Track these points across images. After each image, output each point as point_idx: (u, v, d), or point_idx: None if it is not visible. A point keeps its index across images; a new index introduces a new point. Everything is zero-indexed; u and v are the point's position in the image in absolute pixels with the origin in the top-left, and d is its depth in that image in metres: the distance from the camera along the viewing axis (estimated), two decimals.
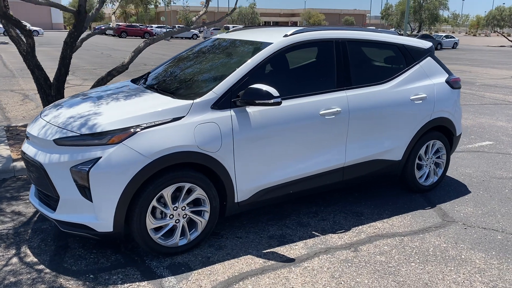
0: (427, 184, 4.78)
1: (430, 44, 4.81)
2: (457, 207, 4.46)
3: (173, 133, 3.19)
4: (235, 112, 3.45)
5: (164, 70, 4.34)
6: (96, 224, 3.12)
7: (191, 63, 4.27)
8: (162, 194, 3.21)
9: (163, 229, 3.31)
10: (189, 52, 4.56)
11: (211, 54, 4.32)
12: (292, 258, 3.40)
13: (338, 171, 4.06)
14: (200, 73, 3.99)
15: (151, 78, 4.26)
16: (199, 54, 4.41)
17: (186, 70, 4.15)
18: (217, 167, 3.38)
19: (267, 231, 3.83)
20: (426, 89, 4.51)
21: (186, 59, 4.40)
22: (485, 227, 4.01)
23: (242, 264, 3.30)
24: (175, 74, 4.14)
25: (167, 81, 4.03)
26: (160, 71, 4.35)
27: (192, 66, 4.21)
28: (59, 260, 3.30)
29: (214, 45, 4.49)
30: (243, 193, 3.59)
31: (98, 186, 3.03)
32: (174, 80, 4.00)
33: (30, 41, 5.49)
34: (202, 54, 4.39)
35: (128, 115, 3.21)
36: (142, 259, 3.34)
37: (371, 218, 4.14)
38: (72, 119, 3.30)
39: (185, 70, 4.16)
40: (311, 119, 3.77)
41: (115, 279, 3.08)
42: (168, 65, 4.43)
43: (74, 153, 3.08)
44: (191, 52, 4.53)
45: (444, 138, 4.78)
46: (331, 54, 4.05)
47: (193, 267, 3.25)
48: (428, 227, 4.00)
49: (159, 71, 4.38)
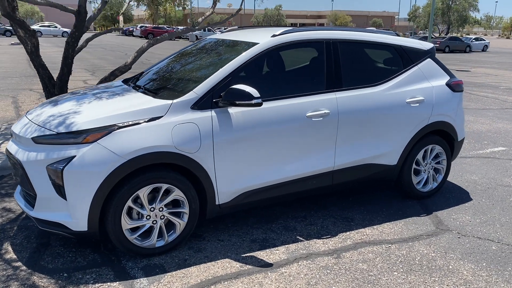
0: (425, 191, 4.61)
1: (431, 46, 4.65)
2: (454, 215, 4.28)
3: (149, 133, 3.16)
4: (216, 112, 3.40)
5: (154, 70, 4.33)
6: (71, 223, 3.12)
7: (180, 63, 4.25)
8: (138, 194, 3.18)
9: (139, 229, 3.29)
10: (180, 53, 4.53)
11: (200, 55, 4.29)
12: (270, 263, 3.32)
13: (327, 175, 3.96)
14: (186, 73, 3.96)
15: (141, 78, 4.26)
16: (189, 55, 4.38)
17: (173, 70, 4.13)
18: (196, 168, 3.33)
19: (251, 235, 3.76)
20: (424, 92, 4.35)
21: (176, 60, 4.37)
22: (480, 237, 3.83)
23: (218, 268, 3.24)
24: (162, 74, 4.12)
25: (154, 81, 4.02)
26: (151, 71, 4.34)
27: (180, 67, 4.18)
28: (37, 258, 3.32)
29: (204, 45, 4.45)
30: (225, 195, 3.53)
31: (72, 185, 3.03)
32: (160, 80, 3.99)
33: (34, 41, 5.58)
34: (192, 54, 4.36)
35: (105, 114, 3.21)
36: (118, 259, 3.33)
37: (361, 224, 4.02)
38: (52, 118, 3.31)
39: (173, 70, 4.14)
40: (297, 121, 3.68)
41: (87, 278, 3.07)
42: (159, 65, 4.42)
43: (51, 151, 3.09)
44: (182, 53, 4.51)
45: (444, 143, 4.61)
46: (321, 55, 3.95)
47: (168, 269, 3.21)
48: (419, 235, 3.84)
49: (151, 71, 4.38)
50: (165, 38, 6.48)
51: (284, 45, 3.82)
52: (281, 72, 4.15)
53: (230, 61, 3.58)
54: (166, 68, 4.24)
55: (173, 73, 4.06)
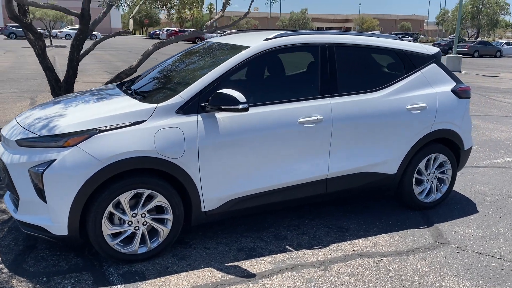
0: (428, 201, 4.42)
1: (436, 50, 4.46)
2: (456, 227, 4.08)
3: (131, 138, 3.11)
4: (203, 117, 3.33)
5: (149, 73, 4.30)
6: (52, 227, 3.10)
7: (173, 67, 4.20)
8: (119, 199, 3.14)
9: (121, 235, 3.24)
10: (176, 56, 4.49)
11: (194, 58, 4.23)
12: (254, 274, 3.22)
13: (320, 182, 3.83)
14: (176, 77, 3.91)
15: (136, 81, 4.23)
16: (184, 58, 4.33)
17: (166, 74, 4.08)
18: (179, 174, 3.26)
19: (239, 243, 3.66)
20: (426, 98, 4.17)
21: (170, 63, 4.32)
22: (480, 252, 3.63)
23: (199, 277, 3.16)
24: (155, 78, 4.08)
25: (145, 85, 3.98)
26: (146, 75, 4.31)
27: (173, 70, 4.13)
28: (20, 261, 3.31)
29: (199, 49, 4.39)
30: (211, 202, 3.45)
31: (52, 189, 3.01)
32: (151, 84, 3.95)
33: (40, 43, 5.66)
34: (187, 58, 4.31)
35: (87, 118, 3.18)
36: (101, 264, 3.29)
37: (356, 235, 3.87)
38: (37, 121, 3.31)
39: (165, 73, 4.09)
40: (288, 127, 3.57)
41: (66, 283, 3.04)
42: (154, 68, 4.38)
43: (33, 154, 3.08)
44: (178, 56, 4.46)
45: (449, 152, 4.41)
46: (316, 60, 3.84)
47: (148, 276, 3.15)
48: (415, 248, 3.67)
49: (146, 74, 4.35)
50: (171, 42, 6.47)
51: (277, 49, 3.72)
52: (273, 77, 4.05)
53: (219, 65, 3.50)
54: (159, 72, 4.20)
55: (165, 77, 4.02)
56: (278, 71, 4.04)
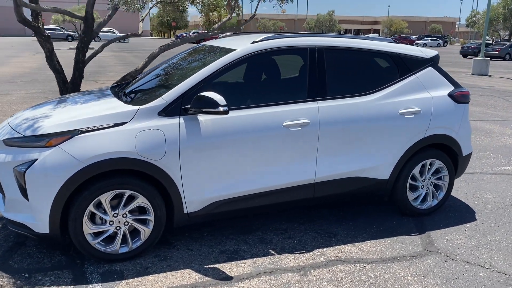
0: (423, 208, 4.31)
1: (434, 54, 4.35)
2: (450, 235, 3.97)
3: (111, 139, 3.16)
4: (185, 119, 3.35)
5: (143, 76, 4.36)
6: (34, 225, 3.17)
7: (165, 70, 4.24)
8: (99, 199, 3.19)
9: (103, 234, 3.30)
10: (171, 59, 4.53)
11: (185, 61, 4.26)
12: (231, 276, 3.22)
13: (307, 187, 3.79)
14: (164, 79, 3.95)
15: (131, 84, 4.29)
16: (177, 61, 4.36)
17: (157, 76, 4.13)
18: (160, 175, 3.29)
19: (223, 245, 3.67)
20: (420, 103, 4.08)
21: (164, 66, 4.37)
22: (469, 262, 3.52)
23: (176, 278, 3.18)
24: (146, 80, 4.14)
25: (136, 87, 4.03)
26: (140, 77, 4.37)
27: (164, 73, 4.17)
28: (7, 257, 3.41)
29: (191, 52, 4.42)
30: (194, 204, 3.47)
31: (33, 188, 3.09)
32: (141, 86, 4.00)
33: (48, 46, 5.82)
34: (179, 60, 4.34)
35: (71, 119, 3.25)
36: (83, 263, 3.35)
37: (343, 241, 3.81)
38: (24, 121, 3.40)
39: (157, 76, 4.14)
40: (272, 130, 3.56)
41: (46, 280, 3.11)
42: (149, 71, 4.44)
43: (18, 153, 3.17)
44: (172, 59, 4.51)
45: (445, 158, 4.29)
46: (304, 63, 3.81)
47: (126, 276, 3.19)
48: (401, 255, 3.59)
49: (141, 77, 4.41)
50: (177, 44, 6.54)
51: (264, 52, 3.71)
52: (260, 80, 4.04)
53: (204, 67, 3.52)
54: (152, 74, 4.25)
55: (154, 80, 4.07)
56: (265, 74, 4.03)
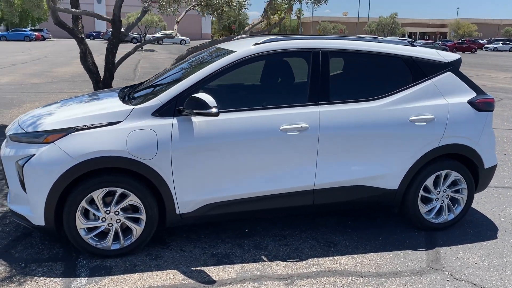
0: (438, 222, 4.04)
1: (455, 57, 4.07)
2: (461, 253, 3.69)
3: (104, 137, 3.24)
4: (178, 120, 3.37)
5: (153, 77, 4.44)
6: (31, 217, 3.32)
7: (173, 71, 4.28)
8: (92, 196, 3.28)
9: (95, 230, 3.39)
10: (184, 61, 4.58)
11: (192, 63, 4.28)
12: (214, 280, 3.19)
13: (306, 193, 3.68)
14: (167, 81, 3.98)
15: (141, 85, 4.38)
16: (184, 63, 4.40)
17: (163, 77, 4.17)
18: (151, 175, 3.33)
19: (216, 248, 3.64)
20: (435, 109, 3.83)
21: (174, 67, 4.42)
22: (475, 283, 3.25)
23: (160, 278, 3.20)
24: (152, 82, 4.20)
25: (143, 88, 4.10)
26: (151, 79, 4.45)
27: (169, 74, 4.20)
28: (11, 246, 3.59)
29: (202, 54, 4.43)
30: (186, 205, 3.47)
31: (30, 182, 3.23)
32: (147, 87, 4.06)
33: (82, 47, 6.10)
34: (188, 63, 4.37)
35: (69, 117, 3.37)
36: (77, 256, 3.46)
37: (342, 251, 3.66)
38: (31, 118, 3.57)
39: (163, 77, 4.19)
40: (268, 134, 3.49)
41: (38, 271, 3.24)
42: (161, 73, 4.51)
43: (20, 148, 3.34)
44: (185, 61, 4.55)
45: (464, 170, 4.00)
46: (305, 66, 3.70)
47: (113, 272, 3.26)
48: (400, 271, 3.38)
49: (153, 78, 4.49)
50: (205, 47, 6.61)
51: (265, 54, 3.65)
52: (259, 82, 3.98)
53: (201, 69, 3.52)
54: (160, 75, 4.31)
55: (160, 80, 4.11)
56: (265, 76, 3.97)
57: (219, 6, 8.10)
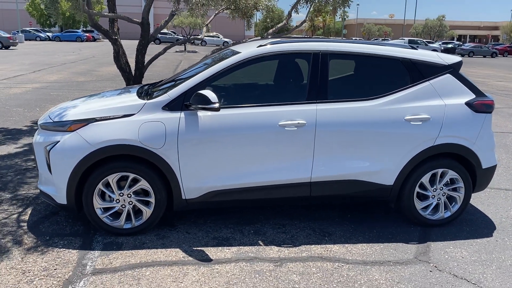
0: (433, 218, 4.20)
1: (455, 60, 4.21)
2: (451, 248, 3.84)
3: (119, 128, 3.65)
4: (185, 114, 3.73)
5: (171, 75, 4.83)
6: (56, 196, 3.78)
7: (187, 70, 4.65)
8: (107, 180, 3.70)
9: (110, 210, 3.80)
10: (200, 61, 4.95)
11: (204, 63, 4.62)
12: (211, 259, 3.52)
13: (303, 185, 3.95)
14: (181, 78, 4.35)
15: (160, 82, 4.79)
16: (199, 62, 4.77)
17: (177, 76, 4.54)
18: (160, 162, 3.71)
19: (218, 232, 3.98)
20: (431, 110, 4.00)
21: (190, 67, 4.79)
22: (456, 275, 3.41)
23: (163, 255, 3.57)
24: (168, 79, 4.59)
25: (161, 84, 4.49)
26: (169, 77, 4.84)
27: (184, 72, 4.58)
28: (40, 222, 4.08)
29: (215, 55, 4.78)
30: (191, 191, 3.83)
31: (55, 165, 3.69)
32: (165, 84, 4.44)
33: (115, 47, 6.61)
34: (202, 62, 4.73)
35: (90, 109, 3.81)
36: (94, 233, 3.89)
37: (335, 241, 3.90)
38: (58, 110, 4.05)
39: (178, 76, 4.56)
40: (268, 128, 3.78)
41: (60, 243, 3.69)
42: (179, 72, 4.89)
43: (48, 135, 3.81)
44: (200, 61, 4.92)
45: (461, 169, 4.14)
46: (306, 66, 3.97)
47: (124, 247, 3.66)
48: (386, 261, 3.59)
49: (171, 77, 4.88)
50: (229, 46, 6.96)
51: (269, 55, 3.95)
52: (262, 81, 4.27)
53: (209, 68, 3.87)
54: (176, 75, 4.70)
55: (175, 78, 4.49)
56: (269, 76, 4.26)
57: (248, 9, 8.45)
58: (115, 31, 6.84)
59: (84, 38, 54.98)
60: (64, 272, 3.27)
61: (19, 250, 3.55)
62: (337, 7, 7.37)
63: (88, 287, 3.09)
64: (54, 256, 3.48)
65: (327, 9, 9.51)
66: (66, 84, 13.77)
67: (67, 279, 3.18)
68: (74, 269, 3.31)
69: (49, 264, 3.37)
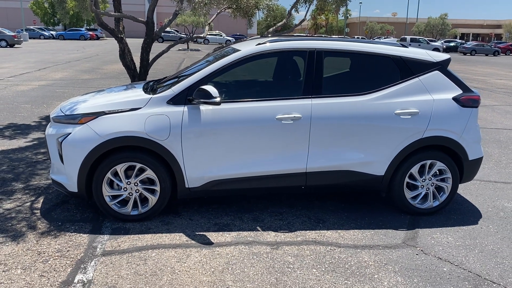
0: (422, 207, 4.45)
1: (444, 57, 4.46)
2: (438, 234, 4.09)
3: (126, 120, 3.91)
4: (188, 108, 3.99)
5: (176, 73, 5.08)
6: (67, 184, 4.05)
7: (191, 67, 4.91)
8: (116, 169, 3.96)
9: (118, 198, 4.07)
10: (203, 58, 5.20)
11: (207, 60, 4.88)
12: (212, 242, 3.78)
13: (299, 175, 4.20)
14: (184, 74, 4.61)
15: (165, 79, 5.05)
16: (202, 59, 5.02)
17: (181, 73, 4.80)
18: (164, 153, 3.97)
19: (219, 219, 4.24)
20: (419, 104, 4.24)
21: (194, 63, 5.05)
22: (441, 257, 3.66)
23: (167, 238, 3.83)
24: (173, 75, 4.84)
25: (161, 81, 4.75)
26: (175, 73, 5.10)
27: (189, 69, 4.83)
28: (52, 209, 4.35)
29: (216, 52, 5.04)
30: (194, 181, 4.09)
31: (66, 155, 3.96)
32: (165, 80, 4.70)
33: (121, 45, 6.88)
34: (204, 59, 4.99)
35: (100, 103, 4.08)
36: (103, 219, 4.16)
37: (328, 227, 4.16)
38: (69, 104, 4.32)
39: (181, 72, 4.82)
40: (266, 121, 4.04)
41: (71, 228, 3.96)
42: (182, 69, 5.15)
43: (60, 128, 4.08)
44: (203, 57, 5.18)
45: (449, 161, 4.38)
46: (302, 64, 4.22)
47: (131, 232, 3.93)
48: (376, 245, 3.84)
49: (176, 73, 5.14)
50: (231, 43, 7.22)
51: (267, 53, 4.20)
52: (261, 77, 4.52)
53: (210, 65, 4.13)
54: (180, 71, 4.96)
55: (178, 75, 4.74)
56: (267, 72, 4.51)
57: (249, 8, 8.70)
58: (120, 30, 7.10)
59: (88, 36, 55.34)
60: (76, 253, 3.53)
61: (33, 234, 3.82)
62: (337, 5, 7.60)
63: (99, 266, 3.36)
64: (67, 240, 3.75)
65: (329, 7, 9.75)
66: (71, 82, 14.05)
67: (79, 259, 3.45)
68: (85, 250, 3.58)
69: (62, 246, 3.63)
